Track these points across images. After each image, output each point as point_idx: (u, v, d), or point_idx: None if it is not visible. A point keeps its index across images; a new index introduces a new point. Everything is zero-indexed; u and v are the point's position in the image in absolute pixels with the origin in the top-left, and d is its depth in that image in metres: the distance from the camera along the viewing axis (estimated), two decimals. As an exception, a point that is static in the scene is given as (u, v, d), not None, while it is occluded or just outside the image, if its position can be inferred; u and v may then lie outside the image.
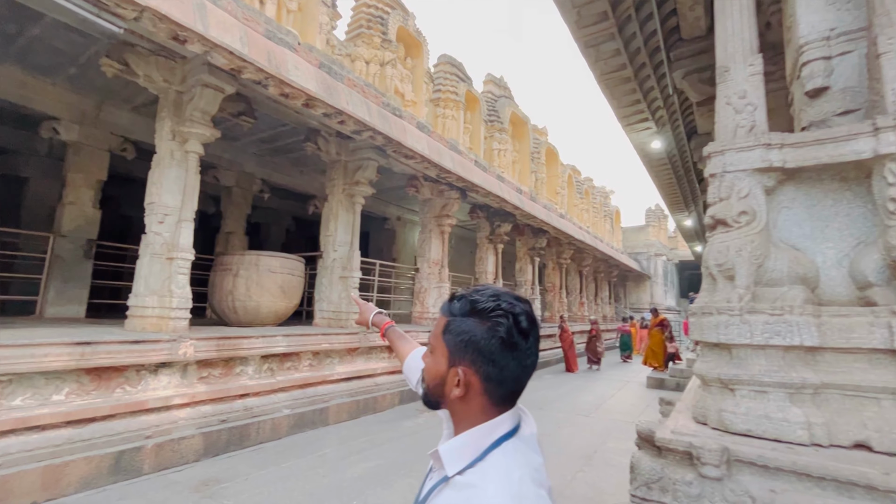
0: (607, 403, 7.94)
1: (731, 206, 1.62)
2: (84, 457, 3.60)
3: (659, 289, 26.89)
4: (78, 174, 6.72)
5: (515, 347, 0.74)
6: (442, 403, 0.82)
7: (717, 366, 1.56)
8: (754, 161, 1.60)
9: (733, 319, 1.51)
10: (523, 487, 0.67)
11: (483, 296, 0.78)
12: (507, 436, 0.76)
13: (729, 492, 1.26)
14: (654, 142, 6.81)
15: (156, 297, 4.80)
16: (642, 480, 1.43)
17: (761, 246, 1.55)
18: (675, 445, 1.39)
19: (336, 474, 4.14)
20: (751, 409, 1.45)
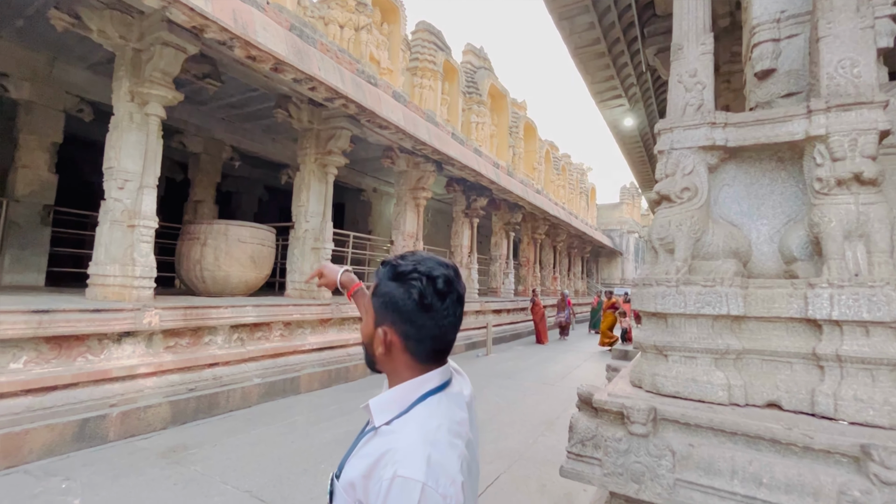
0: (573, 373, 8.27)
1: (675, 183, 1.69)
2: (45, 424, 3.57)
3: (630, 265, 27.65)
4: (31, 136, 6.36)
5: (430, 308, 0.78)
6: (375, 364, 0.87)
7: (654, 334, 1.67)
8: (699, 139, 1.67)
9: (670, 290, 1.60)
10: (438, 434, 0.73)
11: (406, 261, 0.82)
12: (433, 391, 0.80)
13: (653, 447, 1.37)
14: (627, 119, 6.88)
15: (117, 265, 4.68)
16: (578, 438, 1.53)
17: (700, 221, 1.64)
18: (610, 406, 1.49)
19: (306, 440, 4.24)
20: (680, 373, 1.56)
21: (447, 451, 0.71)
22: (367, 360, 0.89)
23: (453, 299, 0.81)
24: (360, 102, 6.27)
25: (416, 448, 0.70)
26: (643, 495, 1.36)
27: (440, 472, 0.67)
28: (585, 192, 22.74)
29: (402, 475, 0.66)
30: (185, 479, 3.32)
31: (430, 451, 0.69)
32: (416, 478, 0.66)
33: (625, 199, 29.19)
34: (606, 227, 27.92)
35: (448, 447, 0.72)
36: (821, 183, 1.48)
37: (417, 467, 0.67)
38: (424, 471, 0.66)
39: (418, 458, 0.68)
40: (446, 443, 0.72)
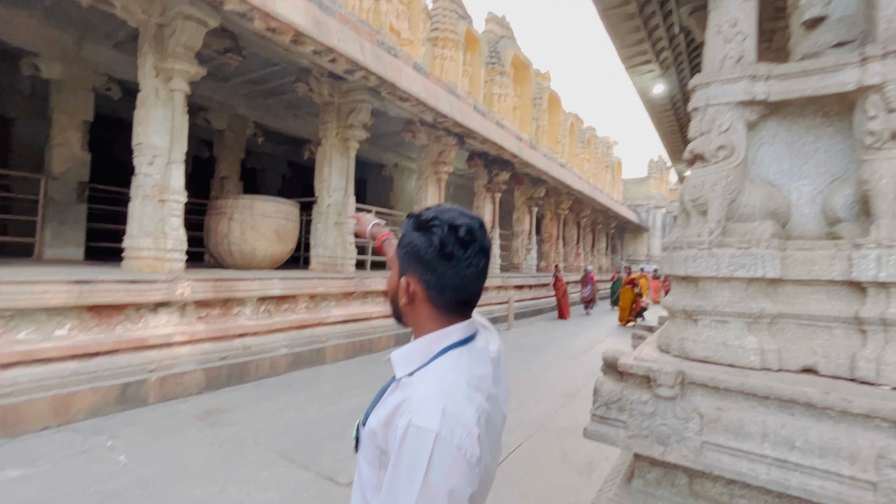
0: (595, 348, 8.23)
1: (710, 141, 1.60)
2: (91, 387, 3.79)
3: (656, 241, 26.99)
4: (63, 114, 6.55)
5: (451, 256, 0.77)
6: (401, 317, 0.86)
7: (683, 298, 1.62)
8: (738, 93, 1.56)
9: (702, 253, 1.54)
10: (456, 387, 0.72)
11: (430, 211, 0.81)
12: (455, 344, 0.80)
13: (679, 409, 1.35)
14: (658, 85, 6.57)
15: (150, 238, 4.84)
16: (603, 401, 1.52)
17: (736, 181, 1.55)
18: (636, 370, 1.47)
19: (332, 407, 4.38)
20: (710, 338, 1.52)
21: (464, 403, 0.71)
22: (393, 313, 0.89)
23: (476, 249, 0.79)
24: (381, 74, 6.18)
25: (431, 398, 0.70)
26: (669, 457, 1.34)
27: (455, 422, 0.67)
28: (611, 165, 22.11)
29: (416, 424, 0.67)
30: (220, 439, 3.49)
31: (445, 403, 0.69)
32: (430, 427, 0.66)
33: (652, 173, 28.27)
34: (632, 203, 27.21)
35: (465, 399, 0.71)
36: (873, 137, 1.37)
37: (432, 417, 0.67)
38: (439, 420, 0.66)
39: (433, 408, 0.68)
40: (463, 395, 0.72)
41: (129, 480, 2.80)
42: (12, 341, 3.55)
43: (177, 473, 2.92)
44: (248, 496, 2.70)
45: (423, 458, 0.65)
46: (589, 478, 3.15)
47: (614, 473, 1.71)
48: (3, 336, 3.52)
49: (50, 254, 6.48)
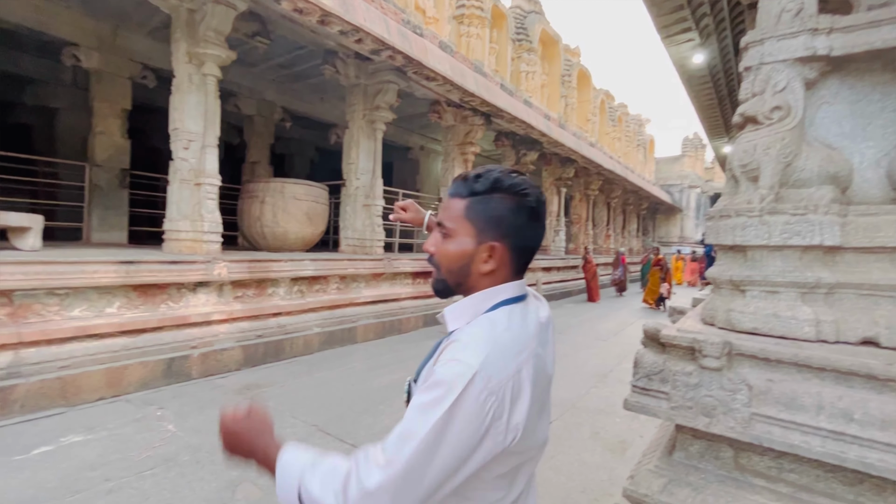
0: (627, 330, 8.09)
1: (763, 102, 1.50)
2: (140, 362, 4.00)
3: (690, 222, 26.10)
4: (103, 103, 6.80)
5: (538, 218, 0.80)
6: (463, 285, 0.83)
7: (730, 268, 1.55)
8: (796, 49, 1.45)
9: (752, 221, 1.47)
10: (502, 338, 0.72)
11: (501, 174, 0.79)
12: (507, 301, 0.79)
13: (727, 381, 1.30)
14: (697, 55, 6.24)
15: (188, 221, 5.01)
16: (644, 373, 1.49)
17: (792, 143, 1.46)
18: (679, 341, 1.42)
19: (364, 384, 4.48)
20: (759, 309, 1.45)
21: (508, 355, 0.71)
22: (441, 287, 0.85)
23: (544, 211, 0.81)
24: (407, 53, 6.11)
25: (477, 342, 0.71)
26: (714, 429, 1.31)
27: (494, 369, 0.67)
28: (643, 144, 21.36)
29: (458, 358, 0.68)
30: (259, 412, 3.63)
31: (490, 349, 0.69)
32: (471, 363, 0.66)
33: (687, 151, 27.15)
34: (665, 182, 26.29)
35: (509, 352, 0.71)
36: (949, 91, 1.26)
37: (474, 356, 0.67)
38: (480, 362, 0.67)
39: (478, 350, 0.69)
40: (508, 348, 0.72)
41: (179, 447, 2.96)
42: (68, 318, 3.78)
43: (221, 442, 3.06)
44: (289, 465, 2.80)
45: (455, 389, 0.65)
46: (623, 456, 3.13)
47: (653, 447, 1.68)
48: (60, 313, 3.75)
49: (97, 238, 6.82)
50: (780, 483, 1.35)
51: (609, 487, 2.69)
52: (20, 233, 4.07)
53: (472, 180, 0.80)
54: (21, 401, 3.34)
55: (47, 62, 7.31)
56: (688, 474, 1.45)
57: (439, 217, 0.84)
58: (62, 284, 3.70)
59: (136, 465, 2.71)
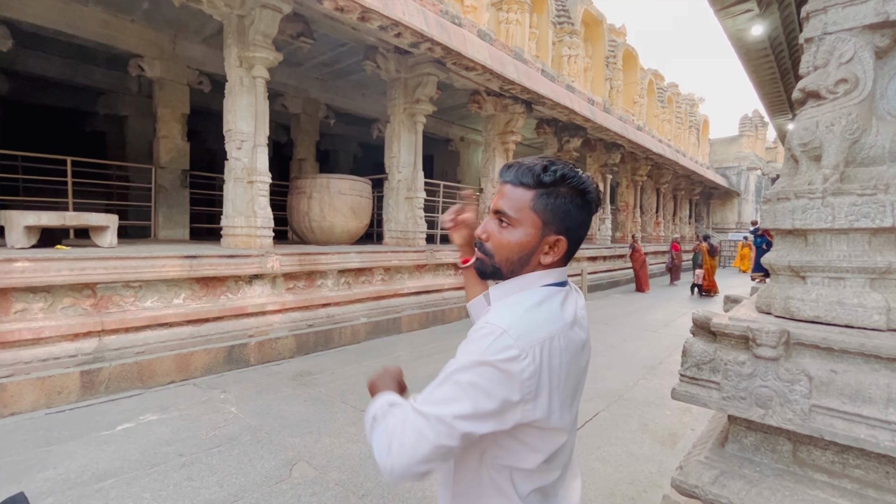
0: (677, 321, 7.77)
1: (827, 75, 1.39)
2: (204, 349, 4.32)
3: (749, 206, 24.46)
4: (166, 109, 7.29)
5: (594, 212, 0.83)
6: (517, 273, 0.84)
7: (789, 253, 1.46)
8: (866, 16, 1.34)
9: (814, 203, 1.38)
10: (537, 311, 0.75)
11: (566, 168, 0.80)
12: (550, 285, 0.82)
13: (784, 371, 1.24)
14: (755, 27, 5.81)
15: (242, 217, 5.31)
16: (693, 362, 1.45)
17: (860, 119, 1.35)
18: (731, 330, 1.37)
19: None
20: (822, 296, 1.36)
21: (539, 322, 0.73)
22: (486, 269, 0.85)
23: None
24: (445, 44, 6.11)
25: (509, 309, 0.75)
26: (770, 420, 1.25)
27: (524, 332, 0.70)
28: (696, 125, 20.18)
29: (490, 321, 0.72)
30: (312, 397, 3.83)
31: (519, 315, 0.73)
32: (499, 324, 0.71)
33: (745, 130, 25.36)
34: (720, 165, 24.75)
35: (542, 321, 0.74)
36: None
37: (506, 321, 0.71)
38: (510, 325, 0.70)
39: (509, 316, 0.73)
40: (543, 318, 0.74)
41: (240, 427, 3.19)
42: (142, 308, 4.14)
43: (279, 424, 3.27)
44: (340, 447, 2.95)
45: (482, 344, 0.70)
46: (672, 448, 3.04)
47: (704, 439, 1.63)
48: (135, 303, 4.11)
49: (163, 235, 7.37)
50: (845, 479, 1.28)
51: (658, 479, 2.63)
52: (99, 231, 4.48)
53: (539, 171, 0.79)
54: (105, 382, 3.71)
55: (116, 73, 7.92)
56: (741, 467, 1.40)
57: (498, 205, 0.83)
58: (136, 278, 4.04)
59: (204, 443, 2.95)
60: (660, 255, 16.40)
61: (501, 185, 0.84)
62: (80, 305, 3.83)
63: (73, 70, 7.68)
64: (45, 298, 3.66)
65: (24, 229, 3.96)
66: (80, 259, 3.71)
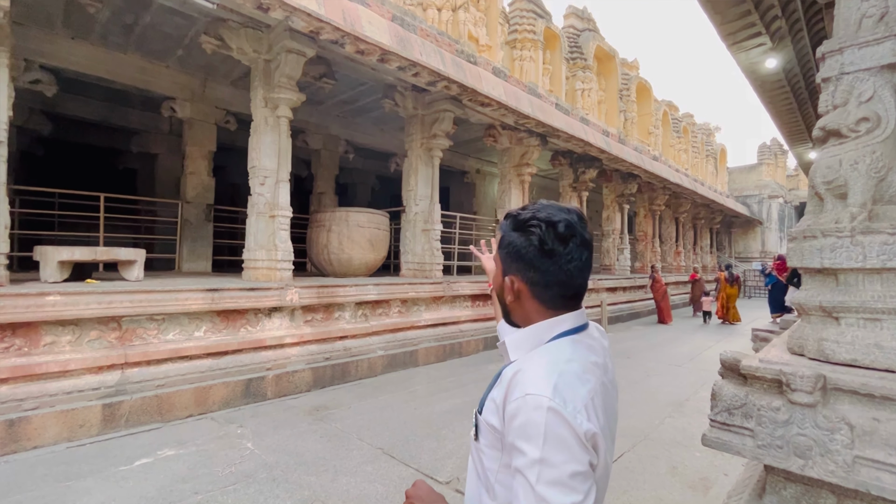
0: (704, 354, 7.50)
1: (847, 114, 1.39)
2: (222, 382, 4.34)
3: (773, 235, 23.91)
4: (194, 147, 7.62)
5: (553, 253, 0.78)
6: (509, 314, 0.89)
7: (820, 293, 1.42)
8: (883, 56, 1.34)
9: (842, 241, 1.34)
10: (568, 367, 0.73)
11: (526, 210, 0.83)
12: (566, 332, 0.81)
13: (822, 418, 1.18)
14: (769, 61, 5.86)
15: (263, 250, 5.42)
16: (723, 406, 1.39)
17: (885, 157, 1.33)
18: (763, 373, 1.32)
19: (426, 408, 4.52)
20: (858, 338, 1.31)
21: (576, 382, 0.72)
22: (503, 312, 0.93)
23: (577, 243, 0.79)
24: (461, 82, 6.31)
25: (544, 374, 0.72)
26: (811, 472, 1.18)
27: (568, 396, 0.68)
28: (713, 154, 20.10)
29: (530, 392, 0.69)
30: (328, 433, 3.78)
31: (556, 379, 0.70)
32: (544, 394, 0.68)
33: (764, 158, 25.12)
34: (741, 194, 24.44)
35: (577, 379, 0.72)
36: None
37: (545, 388, 0.69)
38: (552, 392, 0.68)
39: (547, 381, 0.70)
40: (576, 376, 0.72)
41: (256, 465, 3.15)
42: (164, 341, 4.20)
43: (294, 461, 3.22)
44: (356, 487, 2.88)
45: (538, 425, 0.67)
46: (705, 495, 2.88)
47: (740, 488, 1.54)
48: (158, 336, 4.18)
49: (186, 267, 7.55)
50: (897, 538, 1.19)
51: (690, 529, 2.48)
52: (128, 265, 4.63)
53: (505, 218, 0.87)
54: (126, 416, 3.74)
55: (150, 115, 8.37)
56: (782, 521, 1.32)
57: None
58: (160, 311, 4.13)
59: (220, 480, 2.91)
60: (681, 286, 16.05)
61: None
62: (106, 338, 3.91)
63: (110, 112, 8.14)
64: (73, 331, 3.76)
65: (57, 264, 4.11)
66: (108, 293, 3.82)
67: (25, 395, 3.41)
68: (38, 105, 7.33)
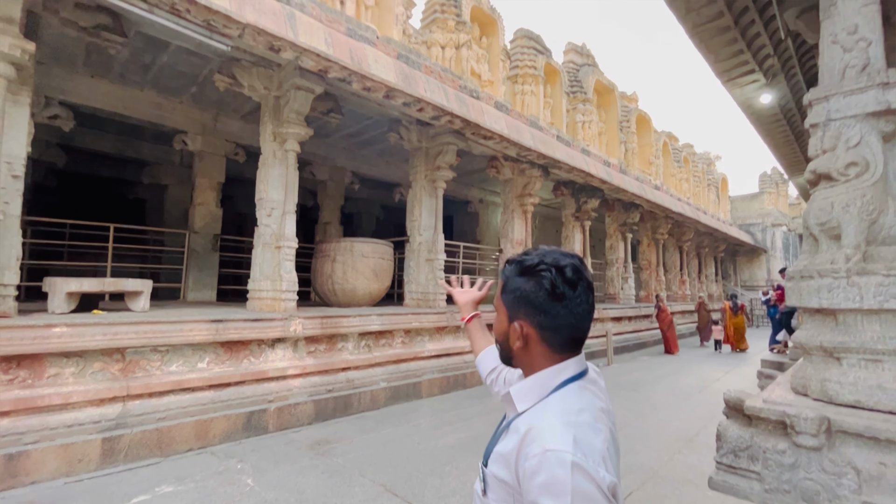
0: (712, 386, 7.37)
1: (836, 158, 1.44)
2: (224, 415, 4.30)
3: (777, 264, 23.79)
4: (203, 178, 7.80)
5: (563, 297, 0.81)
6: (512, 359, 0.90)
7: (820, 333, 1.43)
8: (867, 104, 1.40)
9: (838, 282, 1.36)
10: (581, 417, 0.74)
11: (530, 255, 0.86)
12: (571, 379, 0.82)
13: (828, 462, 1.17)
14: (764, 96, 6.02)
15: (269, 281, 5.46)
16: (729, 448, 1.38)
17: (875, 200, 1.37)
18: (767, 414, 1.32)
19: (430, 442, 4.44)
20: (860, 379, 1.31)
21: (591, 433, 0.73)
22: (502, 357, 0.94)
23: (584, 287, 0.82)
24: (464, 116, 6.49)
25: (560, 427, 0.72)
26: (819, 519, 1.17)
27: (587, 451, 0.69)
28: (714, 183, 20.29)
29: (551, 449, 0.68)
30: (330, 469, 3.71)
31: (574, 432, 0.71)
32: (566, 449, 0.67)
33: (766, 187, 25.32)
34: (744, 222, 24.50)
35: (591, 430, 0.73)
36: None
37: (565, 442, 0.68)
38: (572, 447, 0.68)
39: (565, 435, 0.70)
40: (589, 426, 0.73)
41: (256, 502, 3.09)
42: (167, 372, 4.19)
43: (295, 499, 3.15)
44: (358, 527, 2.81)
45: (565, 482, 0.66)
46: (716, 537, 2.78)
47: (750, 534, 1.51)
48: (161, 368, 4.18)
49: (191, 297, 7.59)
50: (914, 589, 1.16)
51: (703, 575, 2.39)
52: (134, 296, 4.67)
53: (507, 263, 0.89)
54: (125, 450, 3.69)
55: (162, 147, 8.61)
56: (793, 570, 1.28)
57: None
58: (164, 342, 4.14)
59: (218, 519, 2.85)
60: (687, 315, 15.89)
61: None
62: (109, 370, 3.92)
63: (124, 145, 8.39)
64: (77, 363, 3.77)
65: (65, 295, 4.16)
66: (113, 324, 3.85)
67: (26, 429, 3.39)
68: (54, 139, 7.57)
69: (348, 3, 6.14)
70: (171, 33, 4.80)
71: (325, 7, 5.38)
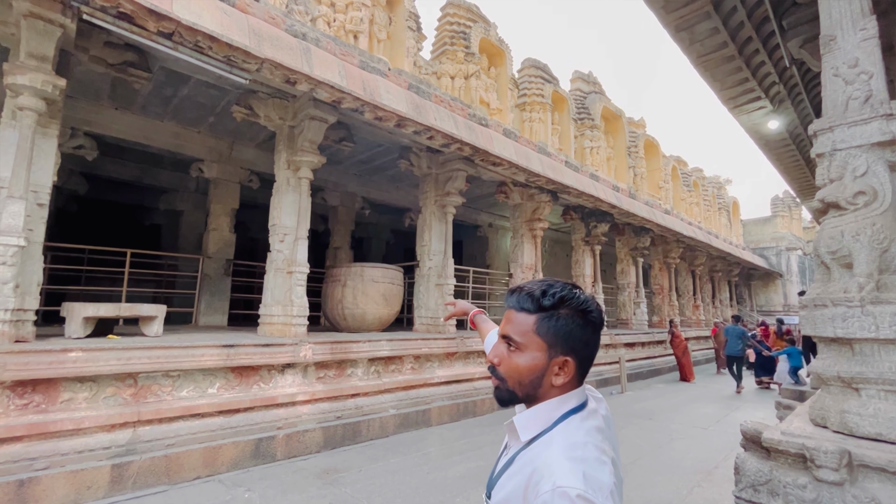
0: (731, 416, 7.14)
1: (844, 187, 1.45)
2: (232, 442, 4.27)
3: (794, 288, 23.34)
4: (218, 205, 7.98)
5: (598, 330, 0.85)
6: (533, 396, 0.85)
7: (836, 363, 1.40)
8: (872, 134, 1.42)
9: (853, 311, 1.35)
10: (587, 451, 0.74)
11: (565, 290, 0.85)
12: (574, 410, 0.83)
13: (850, 497, 1.14)
14: (772, 122, 6.07)
15: (280, 306, 5.51)
16: (748, 482, 1.34)
17: (886, 228, 1.37)
18: (786, 447, 1.29)
19: (439, 472, 4.35)
20: (880, 411, 1.28)
21: (598, 466, 0.73)
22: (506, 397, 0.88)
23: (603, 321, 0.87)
24: (474, 144, 6.61)
25: (569, 462, 0.72)
26: (845, 559, 1.12)
27: (597, 485, 0.70)
28: (725, 207, 20.18)
29: (562, 485, 0.69)
30: (338, 499, 3.64)
31: (584, 467, 0.71)
32: (577, 486, 0.68)
33: (778, 211, 25.10)
34: (758, 245, 24.20)
35: (598, 463, 0.73)
36: None
37: (575, 479, 0.69)
38: (583, 483, 0.69)
39: (574, 471, 0.71)
40: (596, 459, 0.74)
41: (263, 534, 3.03)
42: (178, 398, 4.20)
43: (302, 531, 3.09)
44: (366, 561, 2.74)
45: None
46: (740, 578, 2.65)
47: (773, 574, 1.45)
48: (172, 393, 4.19)
49: (203, 321, 7.65)
50: None
51: None
52: (148, 321, 4.74)
53: (538, 296, 0.84)
54: (134, 477, 3.67)
55: (179, 174, 8.87)
56: None
57: (504, 330, 0.87)
58: (176, 367, 4.17)
59: (225, 551, 2.80)
60: (702, 341, 15.56)
61: (507, 311, 0.89)
62: (121, 395, 3.94)
63: (143, 172, 8.66)
64: (90, 388, 3.80)
65: (82, 320, 4.24)
66: (127, 349, 3.90)
67: (38, 454, 3.40)
68: (77, 167, 7.85)
69: (361, 37, 6.39)
70: (192, 68, 5.02)
71: (339, 41, 5.61)
